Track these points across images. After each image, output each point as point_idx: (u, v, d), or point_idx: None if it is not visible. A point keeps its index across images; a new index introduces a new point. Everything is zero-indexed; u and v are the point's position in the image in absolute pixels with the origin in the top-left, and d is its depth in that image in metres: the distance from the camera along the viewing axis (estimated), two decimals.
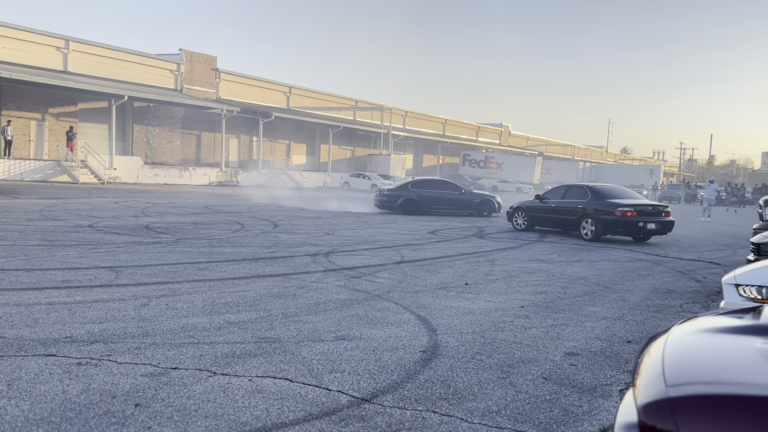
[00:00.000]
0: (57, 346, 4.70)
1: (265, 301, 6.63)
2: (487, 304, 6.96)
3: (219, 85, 43.27)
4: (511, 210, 17.60)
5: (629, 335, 5.87)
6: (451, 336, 5.51)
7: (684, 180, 68.92)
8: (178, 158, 40.22)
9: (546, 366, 4.78)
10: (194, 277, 7.89)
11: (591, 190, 15.54)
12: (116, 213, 16.76)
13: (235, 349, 4.82)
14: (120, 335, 5.08)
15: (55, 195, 22.48)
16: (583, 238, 15.00)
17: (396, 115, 57.04)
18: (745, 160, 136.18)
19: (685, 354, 2.04)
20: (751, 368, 1.86)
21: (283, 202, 25.78)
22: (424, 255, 11.01)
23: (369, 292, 7.34)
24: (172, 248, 10.44)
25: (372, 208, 22.94)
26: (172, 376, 4.17)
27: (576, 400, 4.08)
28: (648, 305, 7.38)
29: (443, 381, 4.31)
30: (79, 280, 7.34)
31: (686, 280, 9.50)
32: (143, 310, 5.96)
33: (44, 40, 33.41)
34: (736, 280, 5.18)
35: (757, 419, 1.57)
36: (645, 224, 14.47)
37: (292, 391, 3.98)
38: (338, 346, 5.02)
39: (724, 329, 2.27)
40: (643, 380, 1.94)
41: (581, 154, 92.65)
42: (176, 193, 27.94)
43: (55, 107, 33.35)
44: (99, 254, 9.38)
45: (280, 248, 11.05)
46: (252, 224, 15.43)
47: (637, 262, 11.26)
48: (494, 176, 62.82)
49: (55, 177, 31.04)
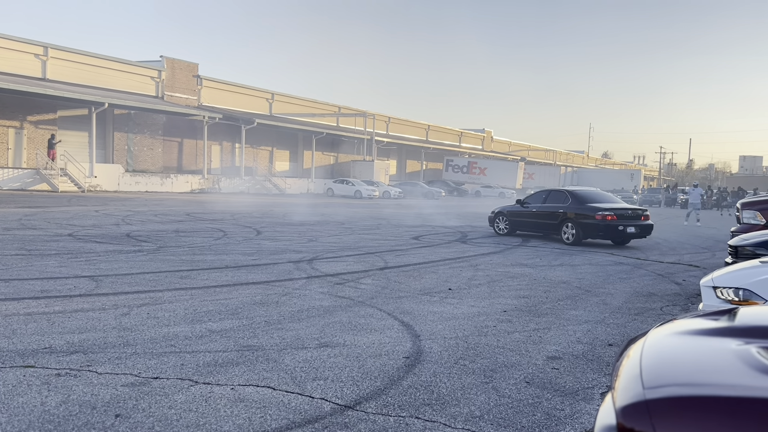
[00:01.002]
0: (35, 357, 4.63)
1: (247, 308, 6.59)
2: (471, 309, 6.98)
3: (201, 91, 43.05)
4: (492, 215, 17.66)
5: (611, 338, 5.92)
6: (434, 341, 5.52)
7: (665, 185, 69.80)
8: (159, 166, 39.91)
9: (529, 370, 4.80)
10: (176, 285, 7.83)
11: (571, 194, 15.68)
12: (97, 221, 16.58)
13: (218, 358, 4.79)
14: (100, 345, 5.02)
15: (34, 204, 22.19)
16: (564, 243, 15.09)
17: (379, 121, 57.13)
18: (723, 164, 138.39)
19: (662, 356, 2.07)
20: (726, 370, 1.89)
21: (266, 208, 25.68)
22: (407, 260, 11.02)
23: (352, 299, 7.33)
24: (153, 256, 10.35)
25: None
26: (153, 385, 4.13)
27: (558, 404, 4.10)
28: (629, 308, 7.46)
29: (427, 387, 4.31)
30: (59, 289, 7.25)
31: (666, 283, 9.61)
32: (124, 320, 5.90)
33: (22, 47, 33.03)
34: (714, 283, 5.25)
35: (731, 419, 1.60)
36: (625, 228, 14.62)
37: (274, 399, 3.96)
38: (321, 353, 5.01)
39: (701, 331, 2.31)
40: (621, 383, 1.96)
41: (563, 159, 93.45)
42: (158, 201, 27.72)
43: (33, 115, 32.95)
44: (79, 263, 9.27)
45: (263, 255, 11.01)
46: (234, 231, 15.35)
47: (618, 266, 11.37)
48: (477, 181, 63.12)
49: (34, 185, 30.64)
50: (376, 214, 25.26)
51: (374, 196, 43.28)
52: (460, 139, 75.23)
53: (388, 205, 35.47)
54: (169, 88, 40.73)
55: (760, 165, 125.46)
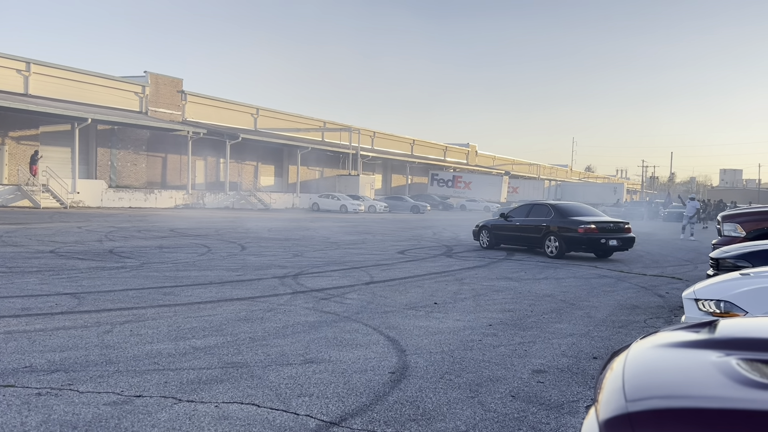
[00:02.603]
0: (15, 377, 4.56)
1: (231, 325, 6.54)
2: (456, 323, 6.99)
3: (185, 107, 42.94)
4: (477, 229, 17.72)
5: (595, 351, 5.95)
6: (420, 356, 5.51)
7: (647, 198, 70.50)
8: (143, 181, 39.65)
9: (514, 384, 4.81)
10: (159, 302, 7.76)
11: (554, 208, 15.78)
12: (79, 238, 16.40)
13: (201, 375, 4.74)
14: (82, 363, 4.95)
15: (15, 220, 21.92)
16: (548, 256, 15.16)
17: (364, 135, 57.31)
18: (705, 177, 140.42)
19: (644, 369, 2.08)
20: (706, 381, 1.91)
21: (251, 224, 25.56)
22: (393, 275, 11.02)
23: (338, 314, 7.31)
24: (136, 273, 10.25)
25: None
26: (136, 404, 4.08)
27: (543, 418, 4.11)
28: (613, 321, 7.50)
29: (412, 402, 4.30)
30: (40, 307, 7.15)
31: (650, 295, 9.69)
32: (106, 337, 5.83)
33: (4, 62, 32.78)
34: (696, 295, 5.30)
35: (711, 431, 1.61)
36: (607, 241, 14.74)
37: (259, 417, 3.93)
38: (306, 370, 4.98)
39: (682, 344, 2.33)
40: (604, 396, 1.97)
41: (546, 173, 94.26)
42: (141, 217, 27.50)
43: (15, 130, 32.66)
44: (61, 280, 9.16)
45: (248, 271, 10.95)
46: (219, 247, 15.26)
47: (602, 279, 11.45)
48: (462, 195, 63.43)
49: (15, 202, 30.29)
50: (361, 228, 25.25)
51: (360, 211, 43.28)
52: (445, 153, 75.63)
53: (374, 219, 35.48)
54: (153, 103, 40.59)
55: (740, 178, 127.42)
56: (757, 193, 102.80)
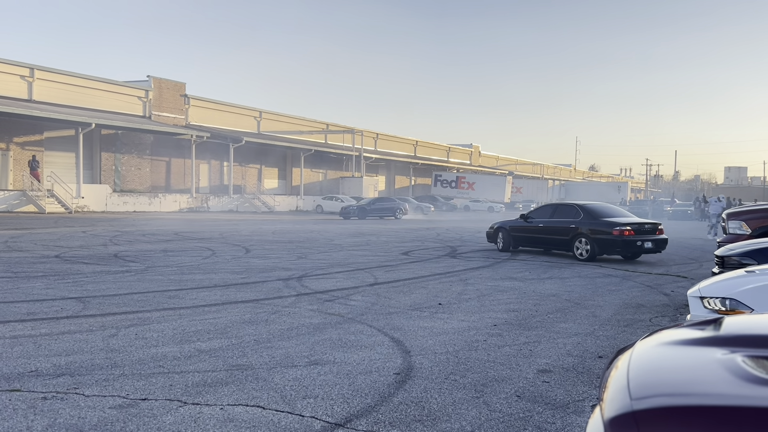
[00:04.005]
0: (21, 381, 4.57)
1: (236, 327, 6.55)
2: (461, 324, 6.98)
3: (188, 111, 43.04)
4: (492, 231, 16.99)
5: (600, 350, 5.93)
6: (425, 357, 5.50)
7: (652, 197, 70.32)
8: (147, 185, 39.75)
9: (519, 384, 4.80)
10: (164, 305, 7.77)
11: (583, 209, 15.01)
12: (84, 242, 16.45)
13: (206, 378, 4.75)
14: (87, 367, 4.96)
15: (21, 225, 22.00)
16: (577, 259, 14.39)
17: (367, 137, 57.34)
18: (709, 175, 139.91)
19: (649, 367, 2.08)
20: (712, 379, 1.90)
21: (255, 226, 25.60)
22: (397, 276, 11.01)
23: (342, 316, 7.31)
24: (141, 276, 10.27)
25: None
26: (141, 407, 4.08)
27: (549, 417, 4.10)
28: (618, 320, 7.48)
29: (417, 402, 4.30)
30: (45, 311, 7.17)
31: (655, 294, 9.66)
32: (112, 341, 5.84)
33: (8, 68, 32.92)
34: (701, 293, 5.28)
35: (716, 429, 1.60)
36: (643, 243, 14.09)
37: (264, 419, 3.93)
38: (311, 371, 4.98)
39: (687, 341, 2.32)
40: (609, 394, 1.97)
41: (550, 173, 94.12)
42: (146, 221, 27.56)
43: (20, 136, 32.79)
44: (66, 285, 9.18)
45: (252, 274, 10.96)
46: (223, 250, 15.28)
47: (606, 278, 11.42)
48: (466, 196, 63.38)
49: (20, 207, 30.40)
50: (365, 230, 25.25)
51: None
52: (448, 154, 75.59)
53: (378, 221, 35.48)
54: (157, 107, 40.69)
55: (745, 175, 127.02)
56: (762, 190, 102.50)
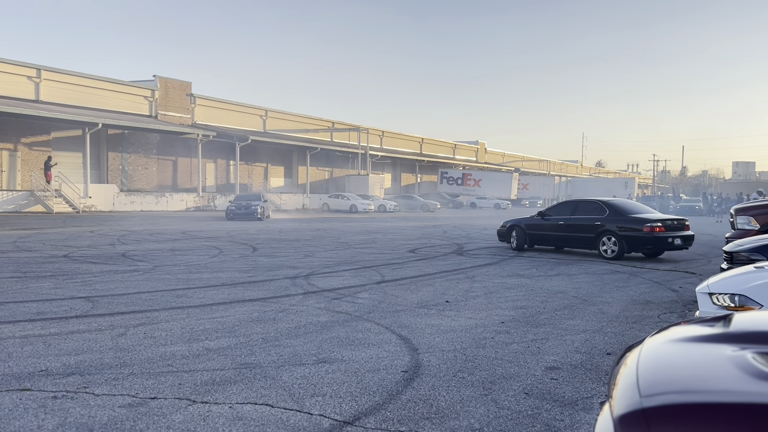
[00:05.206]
0: (32, 380, 4.60)
1: (244, 326, 6.57)
2: (468, 321, 6.97)
3: (194, 110, 43.13)
4: (504, 229, 16.34)
5: (609, 347, 5.92)
6: (432, 354, 5.50)
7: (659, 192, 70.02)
8: (154, 184, 39.88)
9: (527, 381, 4.79)
10: (172, 304, 7.80)
11: (608, 205, 14.64)
12: (92, 242, 16.53)
13: (215, 376, 4.76)
14: (97, 366, 4.99)
15: (29, 225, 22.12)
16: (603, 257, 14.05)
17: (373, 135, 57.30)
18: (717, 170, 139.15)
19: (658, 364, 2.07)
20: (722, 376, 1.89)
21: (262, 225, 25.65)
22: (404, 274, 11.01)
23: (350, 314, 7.31)
24: (149, 276, 10.31)
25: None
26: (150, 406, 4.10)
27: (558, 414, 4.09)
28: (626, 317, 7.46)
29: (426, 400, 4.30)
30: (54, 311, 7.21)
31: (663, 290, 9.62)
32: (120, 340, 5.87)
33: (15, 69, 33.07)
34: (710, 289, 5.26)
35: (727, 426, 1.60)
36: (673, 240, 13.77)
37: (273, 417, 3.94)
38: (319, 369, 4.99)
39: (696, 338, 2.31)
40: (618, 391, 1.96)
41: (557, 169, 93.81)
42: (153, 220, 27.66)
43: (27, 137, 32.94)
44: (75, 284, 9.23)
45: (259, 272, 10.98)
46: (230, 249, 15.32)
47: (614, 274, 11.38)
48: (472, 193, 63.30)
49: (28, 207, 30.55)
50: (372, 228, 25.26)
51: (370, 210, 43.28)
52: (454, 151, 75.48)
53: (384, 218, 35.49)
54: (163, 107, 40.81)
55: (753, 170, 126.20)
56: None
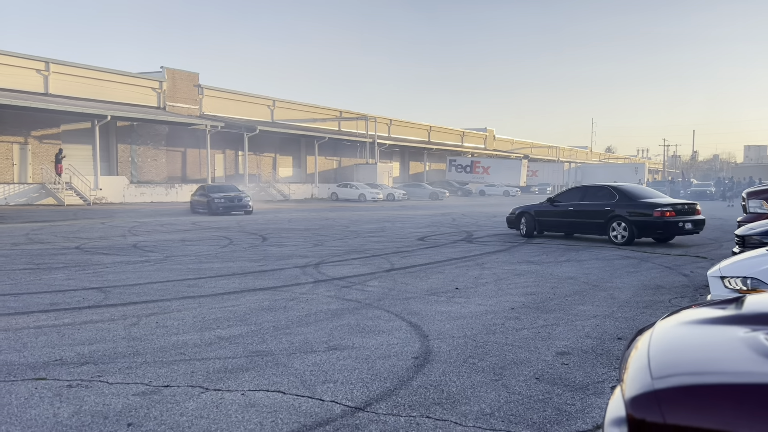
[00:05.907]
0: (47, 370, 4.66)
1: (255, 314, 6.61)
2: (478, 308, 6.98)
3: (202, 101, 43.16)
4: (513, 216, 16.15)
5: (619, 332, 5.91)
6: (443, 341, 5.52)
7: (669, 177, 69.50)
8: (163, 176, 40.03)
9: (538, 366, 4.79)
10: (183, 294, 7.85)
11: (618, 190, 14.55)
12: (103, 233, 16.64)
13: (227, 364, 4.80)
14: (110, 355, 5.04)
15: (41, 218, 22.29)
16: (613, 243, 13.92)
17: (381, 123, 57.17)
18: (728, 155, 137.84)
19: (669, 346, 2.06)
20: (734, 357, 1.89)
21: (271, 215, 25.72)
22: (413, 262, 11.02)
23: (360, 301, 7.34)
24: (160, 266, 10.38)
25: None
26: (164, 393, 4.15)
27: (569, 399, 4.10)
28: (637, 302, 7.43)
29: (436, 386, 4.31)
30: (68, 302, 7.28)
31: (674, 275, 9.57)
32: (133, 330, 5.92)
33: (24, 63, 33.19)
34: (722, 273, 5.23)
35: (740, 406, 1.59)
36: (684, 224, 13.67)
37: (285, 403, 3.97)
38: (330, 357, 5.02)
39: (708, 320, 2.30)
40: (629, 374, 1.96)
41: (566, 155, 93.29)
42: (163, 211, 27.80)
43: (37, 130, 33.12)
44: (87, 275, 9.31)
45: (270, 261, 11.03)
46: (240, 239, 15.38)
47: (625, 260, 11.33)
48: (481, 180, 63.12)
49: (40, 200, 30.78)
50: (380, 216, 25.27)
51: (378, 199, 43.27)
52: (462, 138, 75.18)
53: (393, 207, 35.48)
54: (171, 98, 40.86)
55: (765, 154, 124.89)
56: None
